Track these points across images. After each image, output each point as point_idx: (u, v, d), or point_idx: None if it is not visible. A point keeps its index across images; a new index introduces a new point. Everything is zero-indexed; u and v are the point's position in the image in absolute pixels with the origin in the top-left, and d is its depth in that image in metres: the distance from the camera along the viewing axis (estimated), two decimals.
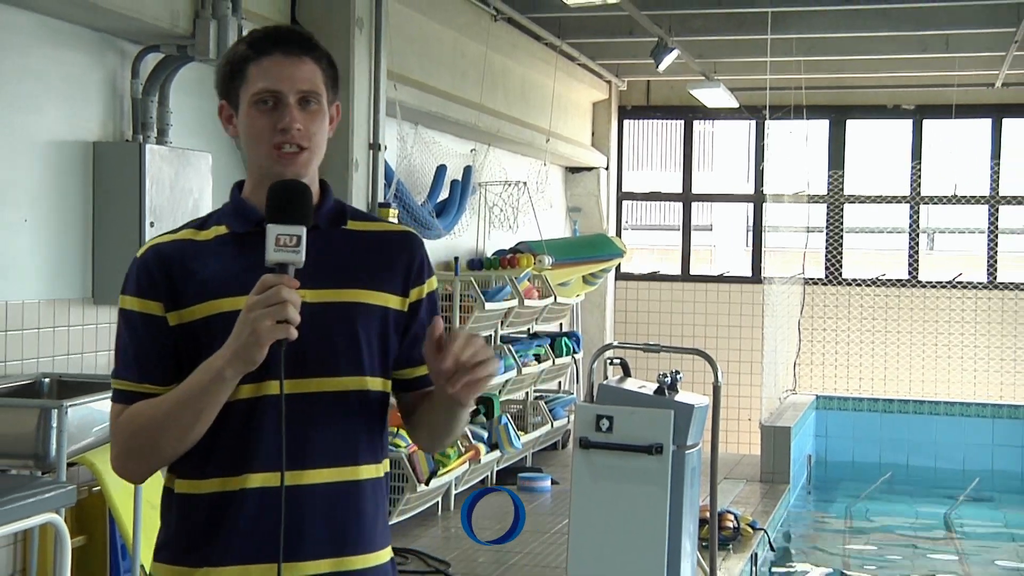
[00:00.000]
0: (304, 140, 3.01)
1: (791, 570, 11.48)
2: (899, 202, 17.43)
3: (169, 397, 2.95)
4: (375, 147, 9.28)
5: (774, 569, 11.21)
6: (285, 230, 2.82)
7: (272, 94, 2.99)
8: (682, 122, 18.18)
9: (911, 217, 17.35)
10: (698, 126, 18.27)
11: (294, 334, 2.80)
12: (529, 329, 13.55)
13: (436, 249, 12.14)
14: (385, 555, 3.16)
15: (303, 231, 2.84)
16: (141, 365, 3.01)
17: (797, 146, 16.90)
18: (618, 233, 17.73)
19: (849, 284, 17.37)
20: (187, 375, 2.93)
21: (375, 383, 3.10)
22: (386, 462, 3.20)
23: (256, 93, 3.00)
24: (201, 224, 3.13)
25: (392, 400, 3.20)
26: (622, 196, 18.30)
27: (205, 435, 2.94)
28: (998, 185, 16.96)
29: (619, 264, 16.49)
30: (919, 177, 17.25)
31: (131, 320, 3.03)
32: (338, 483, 3.02)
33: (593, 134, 17.30)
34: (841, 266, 17.47)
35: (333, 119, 3.15)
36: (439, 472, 10.37)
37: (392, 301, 3.12)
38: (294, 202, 2.90)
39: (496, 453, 11.90)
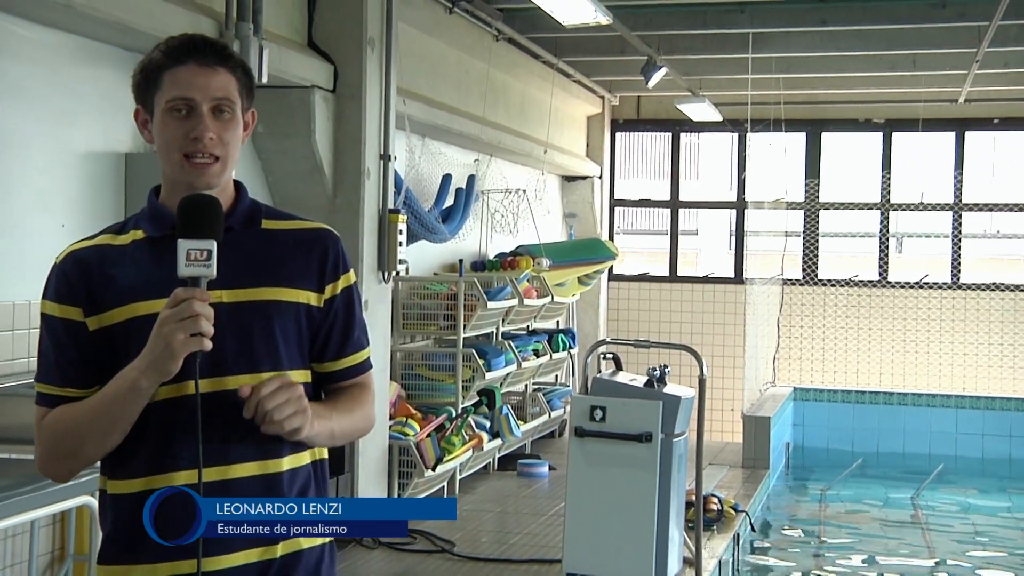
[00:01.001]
0: (217, 148, 2.92)
1: (770, 548, 11.48)
2: (870, 209, 17.42)
3: (88, 404, 2.87)
4: (385, 157, 9.27)
5: (755, 548, 11.20)
6: (196, 244, 2.74)
7: (185, 102, 2.90)
8: (670, 134, 18.16)
9: (881, 223, 17.34)
10: (685, 138, 18.25)
11: (208, 346, 2.73)
12: (528, 326, 13.54)
13: (442, 252, 12.14)
14: (315, 540, 3.00)
15: (213, 245, 2.75)
16: (63, 370, 2.93)
17: (776, 157, 16.90)
18: (611, 237, 17.71)
19: (824, 284, 17.36)
20: (108, 378, 2.86)
21: (295, 376, 2.98)
22: (317, 450, 3.08)
23: (170, 100, 2.91)
24: (119, 229, 3.06)
25: (401, 392, 3.16)
26: (614, 203, 18.28)
27: (129, 435, 2.87)
28: (961, 193, 16.95)
29: (612, 266, 16.48)
30: (888, 186, 17.23)
31: (52, 325, 2.95)
32: (264, 476, 2.92)
33: (587, 145, 17.28)
34: (817, 268, 17.46)
35: (248, 125, 3.07)
36: (445, 459, 10.36)
37: (307, 297, 3.03)
38: (204, 217, 2.80)
39: (497, 441, 11.90)
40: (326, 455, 3.14)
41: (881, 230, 17.35)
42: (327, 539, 3.03)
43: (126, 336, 2.86)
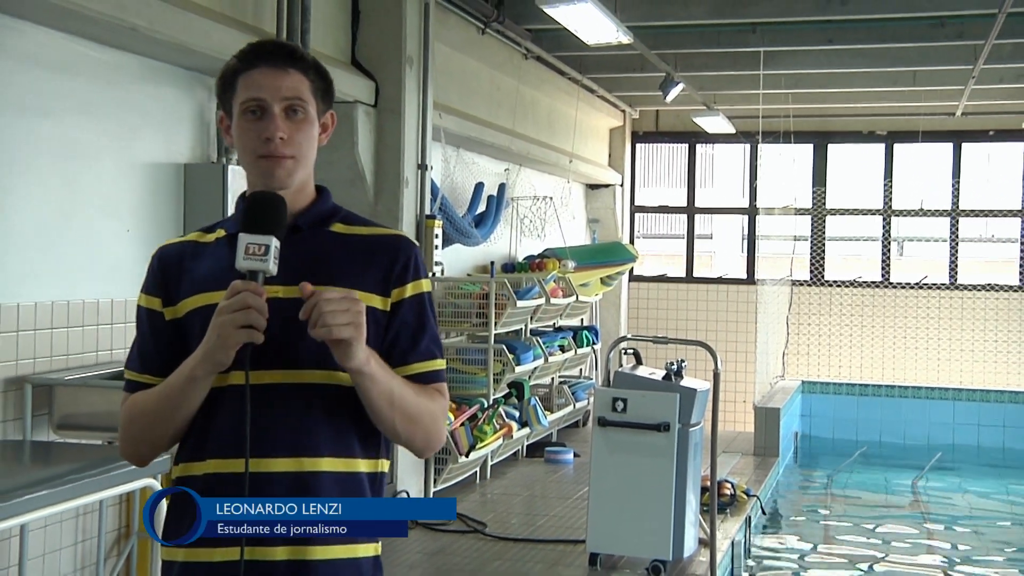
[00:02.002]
0: (288, 148, 2.78)
1: (779, 530, 11.48)
2: (873, 215, 17.39)
3: (156, 391, 2.79)
4: (423, 167, 9.31)
5: (765, 530, 11.21)
6: (254, 239, 2.62)
7: (257, 103, 2.77)
8: (686, 146, 18.15)
9: (883, 228, 17.30)
10: (700, 149, 18.25)
11: (259, 338, 2.59)
12: (554, 324, 13.55)
13: (475, 254, 12.17)
14: (357, 551, 2.81)
15: (272, 240, 2.63)
16: (143, 357, 2.88)
17: (785, 166, 16.88)
18: (631, 241, 17.72)
19: (830, 285, 17.34)
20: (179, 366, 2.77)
21: (348, 378, 2.74)
22: (376, 461, 2.88)
23: (244, 103, 2.79)
24: (209, 228, 2.95)
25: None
26: (635, 209, 18.29)
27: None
28: (958, 200, 16.92)
29: (632, 268, 16.47)
30: (890, 193, 17.21)
31: (140, 315, 2.90)
32: (298, 473, 2.73)
33: (610, 156, 17.28)
34: (823, 269, 17.44)
35: (327, 127, 2.93)
36: (477, 446, 10.39)
37: (372, 300, 2.80)
38: (266, 213, 2.68)
39: (526, 430, 11.92)
40: (386, 468, 2.93)
41: (883, 234, 17.32)
42: (375, 552, 2.87)
43: (191, 326, 2.78)
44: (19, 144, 6.15)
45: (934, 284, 17.10)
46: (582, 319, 15.01)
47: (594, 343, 14.30)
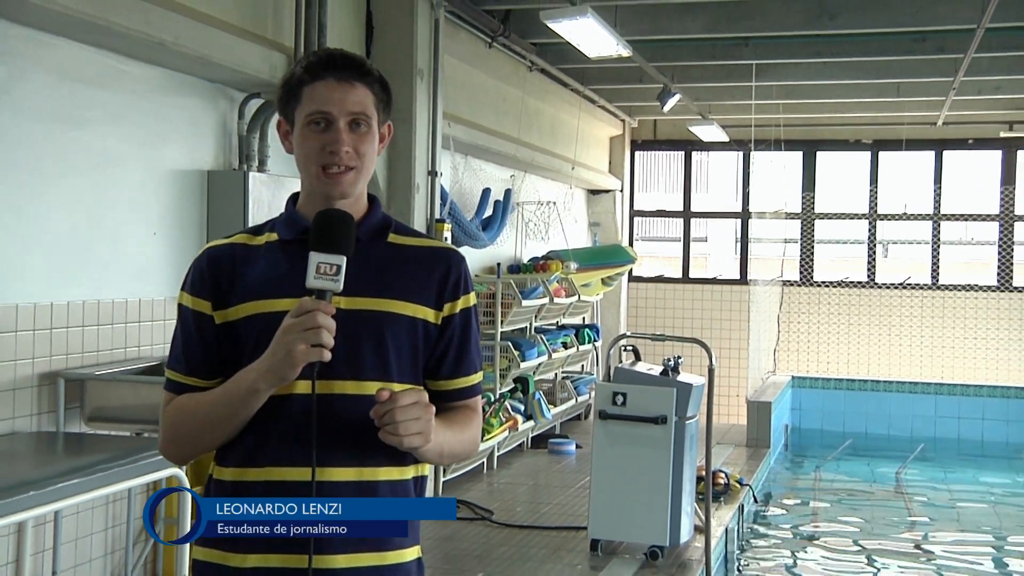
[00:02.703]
0: (352, 161, 2.69)
1: (771, 517, 11.49)
2: (859, 218, 17.38)
3: (210, 397, 2.67)
4: (433, 173, 9.32)
5: (757, 517, 11.22)
6: (326, 259, 2.52)
7: (323, 115, 2.67)
8: (683, 153, 18.15)
9: (869, 231, 17.31)
10: (696, 156, 18.23)
11: (327, 357, 2.50)
12: (558, 322, 13.57)
13: (482, 256, 12.18)
14: (410, 554, 2.77)
15: (343, 260, 2.54)
16: (189, 359, 2.73)
17: (776, 173, 16.86)
18: (630, 243, 17.73)
19: (819, 285, 17.35)
20: (230, 369, 2.66)
21: (402, 388, 2.65)
22: (420, 466, 2.80)
23: (309, 115, 2.68)
24: (256, 231, 2.82)
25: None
26: (634, 213, 18.30)
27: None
28: (940, 205, 16.93)
29: (631, 269, 16.49)
30: (875, 198, 17.21)
31: (184, 316, 2.76)
32: (359, 482, 2.65)
33: (610, 163, 17.29)
34: (812, 270, 17.44)
35: (384, 138, 2.81)
36: (485, 438, 10.40)
37: (424, 312, 2.74)
38: (337, 232, 2.57)
39: (531, 423, 11.94)
40: (428, 472, 2.90)
41: (869, 237, 17.33)
42: (419, 554, 2.82)
43: (247, 331, 2.66)
44: (54, 152, 6.17)
45: (917, 284, 17.11)
46: (584, 317, 15.02)
47: (595, 340, 14.32)
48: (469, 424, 2.85)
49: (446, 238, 9.46)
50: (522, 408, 11.76)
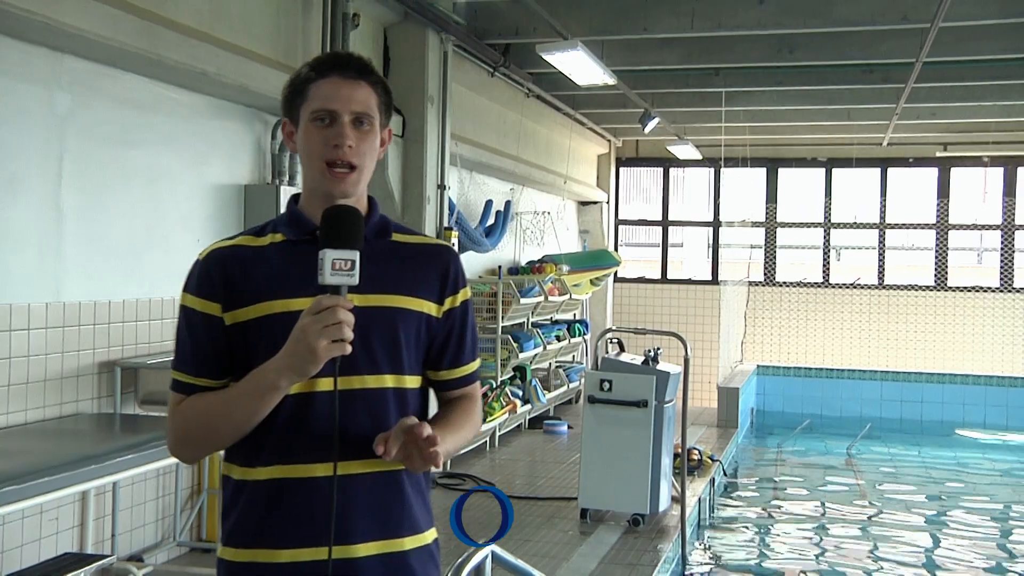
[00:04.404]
0: (354, 157, 2.44)
1: (738, 489, 11.50)
2: (815, 227, 17.40)
3: (224, 396, 2.41)
4: (442, 187, 9.33)
5: (727, 488, 11.23)
6: (340, 255, 2.26)
7: (328, 112, 2.43)
8: (662, 169, 18.15)
9: (824, 238, 17.32)
10: (673, 172, 18.23)
11: (348, 350, 2.26)
12: (551, 318, 13.58)
13: (485, 260, 12.19)
14: (428, 536, 2.55)
15: (357, 255, 2.27)
16: (198, 360, 2.44)
17: (743, 187, 16.90)
18: (616, 248, 17.74)
19: (780, 285, 17.36)
20: (239, 370, 2.40)
21: (412, 381, 2.52)
22: None
23: (314, 111, 2.44)
24: (258, 231, 2.54)
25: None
26: (619, 222, 18.30)
27: (259, 425, 2.39)
28: (885, 215, 16.95)
29: (616, 271, 16.50)
30: (829, 209, 17.23)
31: (190, 317, 2.45)
32: (380, 472, 2.43)
33: (598, 177, 17.29)
34: (775, 272, 17.46)
35: (384, 142, 2.56)
36: (487, 419, 10.43)
37: (428, 307, 2.53)
38: (348, 228, 2.31)
39: (528, 406, 11.96)
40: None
41: (824, 243, 17.34)
42: (436, 535, 2.60)
43: (260, 331, 2.40)
44: (114, 170, 6.19)
45: (865, 285, 17.13)
46: (575, 314, 15.05)
47: (584, 334, 14.33)
48: (467, 413, 2.66)
49: (453, 244, 9.47)
50: (520, 393, 11.78)
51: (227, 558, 2.47)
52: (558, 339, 13.06)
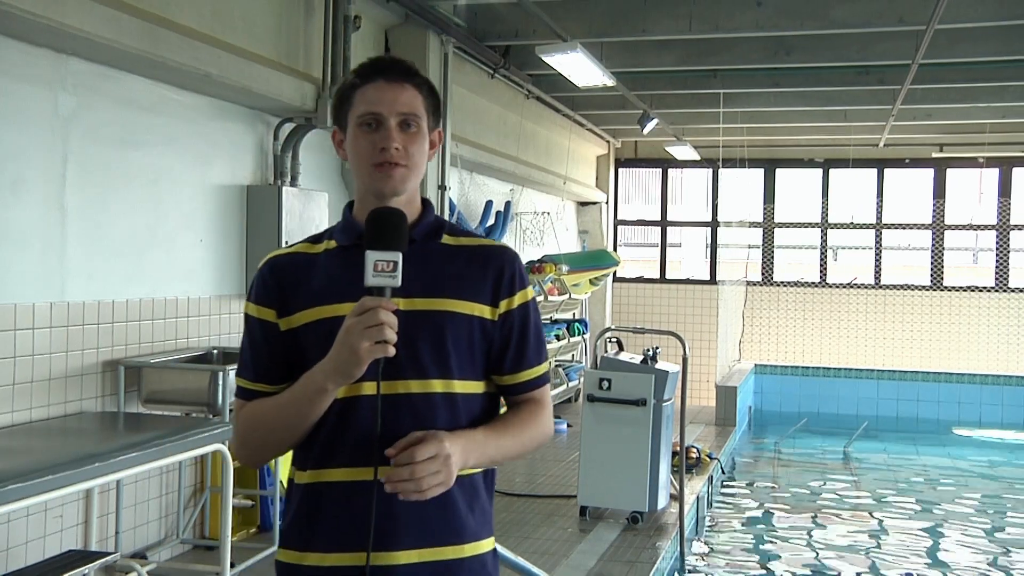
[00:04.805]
0: (402, 159, 2.40)
1: (736, 486, 11.50)
2: (813, 227, 17.40)
3: (278, 401, 2.40)
4: (442, 187, 9.33)
5: (724, 486, 11.23)
6: (382, 256, 2.23)
7: (374, 116, 2.40)
8: (660, 170, 18.14)
9: (821, 238, 17.32)
10: (671, 173, 18.23)
11: (392, 352, 2.22)
12: (551, 317, 13.58)
13: None
14: (482, 546, 2.46)
15: (399, 256, 2.23)
16: (256, 366, 2.47)
17: (741, 187, 16.90)
18: (615, 248, 17.73)
19: (778, 285, 17.35)
20: (297, 375, 2.37)
21: (463, 386, 2.43)
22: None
23: (360, 116, 2.42)
24: (316, 239, 2.55)
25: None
26: (618, 222, 18.30)
27: (313, 430, 2.39)
28: (881, 215, 16.94)
29: (615, 271, 16.50)
30: (826, 209, 17.23)
31: (250, 325, 2.49)
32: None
33: (597, 178, 17.29)
34: (772, 272, 17.45)
35: (434, 144, 2.51)
36: None
37: (481, 310, 2.45)
38: (391, 229, 2.28)
39: None
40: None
41: (821, 243, 17.33)
42: (493, 545, 2.51)
43: (310, 336, 2.39)
44: (117, 171, 6.19)
45: (862, 284, 17.13)
46: (574, 313, 15.05)
47: (584, 333, 14.34)
48: (531, 418, 2.55)
49: None
50: None
51: (281, 559, 2.47)
52: (557, 338, 13.06)
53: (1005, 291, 16.47)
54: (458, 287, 2.44)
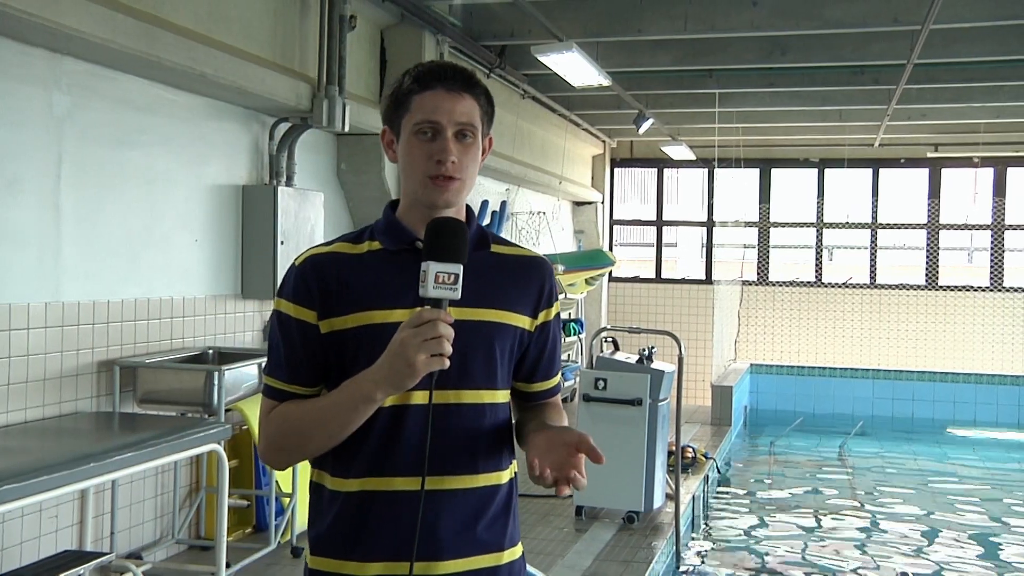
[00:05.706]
0: (457, 171, 2.34)
1: (732, 486, 11.50)
2: (808, 227, 17.41)
3: (318, 405, 2.32)
4: None
5: (720, 486, 11.23)
6: (444, 268, 2.15)
7: (431, 125, 2.33)
8: (656, 170, 18.16)
9: (816, 237, 17.34)
10: (667, 172, 18.25)
11: (447, 365, 2.15)
12: None
13: None
14: (516, 552, 2.48)
15: (461, 269, 2.17)
16: (291, 367, 2.36)
17: (736, 187, 16.91)
18: (610, 248, 17.74)
19: (773, 284, 17.36)
20: (334, 379, 2.33)
21: (503, 395, 2.45)
22: (513, 466, 2.53)
23: (417, 123, 2.34)
24: (355, 238, 2.45)
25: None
26: (613, 222, 18.30)
27: (353, 436, 2.31)
28: (877, 215, 16.96)
29: (611, 271, 16.50)
30: (822, 209, 17.24)
31: (286, 324, 2.37)
32: (473, 489, 2.37)
33: (592, 178, 17.29)
34: (768, 272, 17.46)
35: (485, 150, 2.47)
36: None
37: (523, 321, 2.45)
38: (454, 241, 2.20)
39: None
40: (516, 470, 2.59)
41: (816, 243, 17.35)
42: (522, 550, 2.52)
43: (357, 341, 2.32)
44: (112, 171, 6.17)
45: (857, 284, 17.14)
46: (570, 313, 15.04)
47: (580, 333, 14.33)
48: (562, 416, 2.62)
49: None
50: None
51: (315, 567, 2.40)
52: None
53: (1000, 291, 16.48)
54: (505, 298, 2.44)
